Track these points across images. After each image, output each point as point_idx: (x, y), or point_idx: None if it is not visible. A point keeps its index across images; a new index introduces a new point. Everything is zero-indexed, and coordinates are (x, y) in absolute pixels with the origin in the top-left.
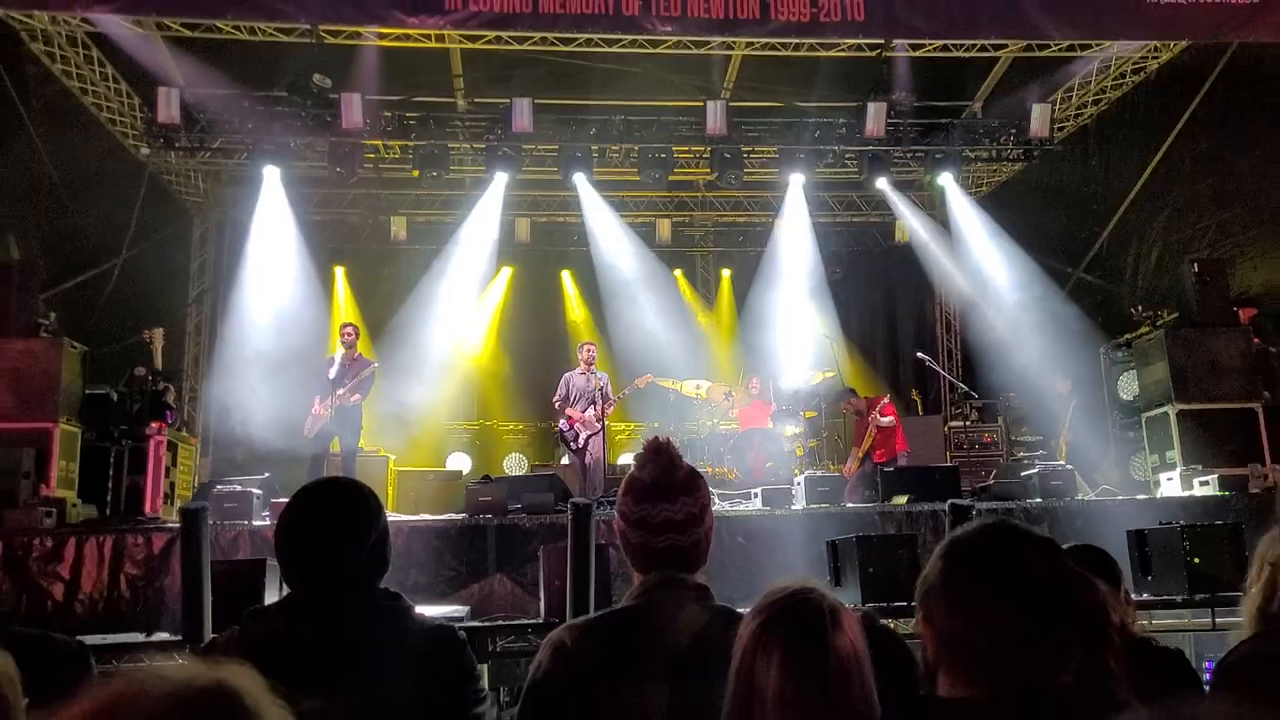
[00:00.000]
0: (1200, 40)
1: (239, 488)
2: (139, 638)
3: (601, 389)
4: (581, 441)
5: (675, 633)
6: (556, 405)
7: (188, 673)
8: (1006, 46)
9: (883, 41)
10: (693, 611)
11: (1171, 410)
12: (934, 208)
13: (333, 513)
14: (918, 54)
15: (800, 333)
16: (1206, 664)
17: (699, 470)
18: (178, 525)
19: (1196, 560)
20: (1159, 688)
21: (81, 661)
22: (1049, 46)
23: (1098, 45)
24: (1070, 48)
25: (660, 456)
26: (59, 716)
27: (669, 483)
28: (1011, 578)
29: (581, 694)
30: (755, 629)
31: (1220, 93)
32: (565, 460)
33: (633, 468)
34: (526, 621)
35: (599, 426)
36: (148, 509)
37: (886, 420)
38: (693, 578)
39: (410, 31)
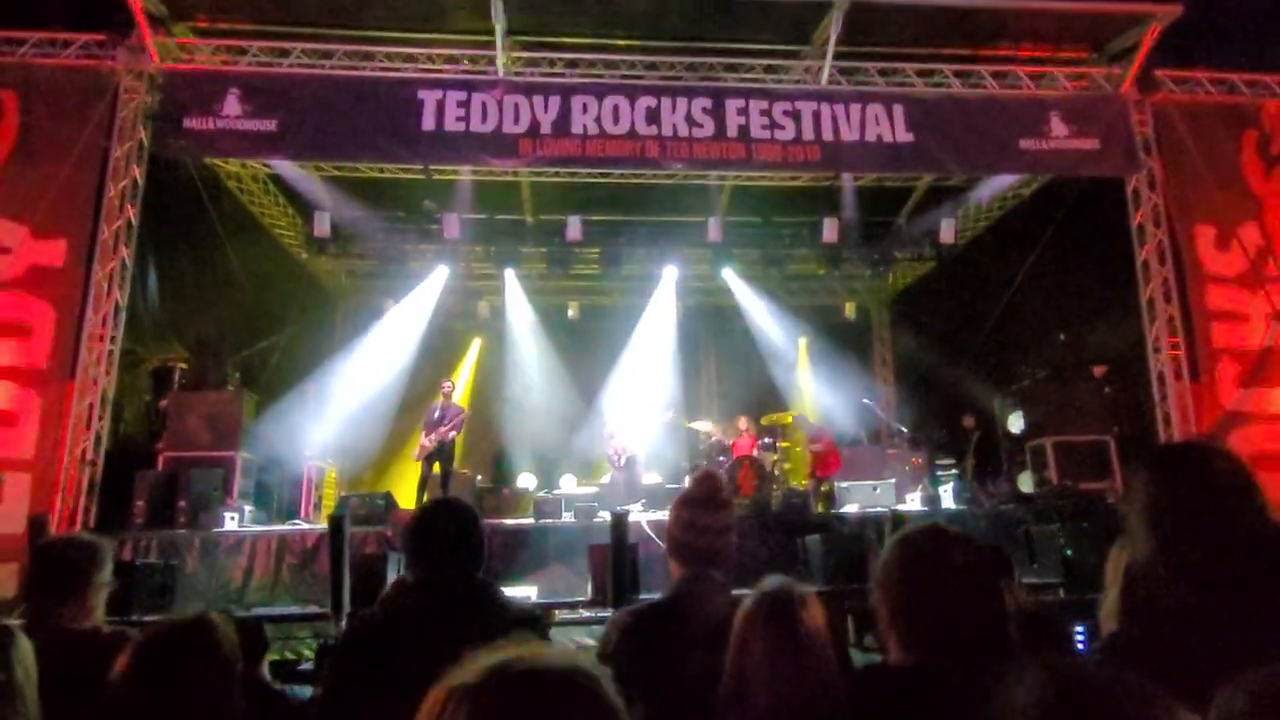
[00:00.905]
0: (1061, 174)
1: (368, 499)
2: (297, 610)
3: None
4: (622, 462)
5: (706, 616)
6: (606, 437)
7: (560, 656)
8: (922, 178)
9: (833, 175)
10: (718, 601)
11: (1047, 441)
12: (872, 293)
13: (447, 522)
14: (859, 183)
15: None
16: (1077, 628)
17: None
18: (325, 527)
19: (1070, 553)
20: (1040, 644)
21: (260, 634)
22: (952, 178)
23: (988, 177)
24: (968, 179)
25: (710, 481)
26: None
27: (714, 500)
28: (943, 565)
29: (639, 661)
30: (747, 608)
31: (1076, 211)
32: (606, 479)
33: (689, 486)
34: (578, 599)
35: (634, 451)
36: (302, 515)
37: (815, 447)
38: (718, 574)
39: (494, 169)
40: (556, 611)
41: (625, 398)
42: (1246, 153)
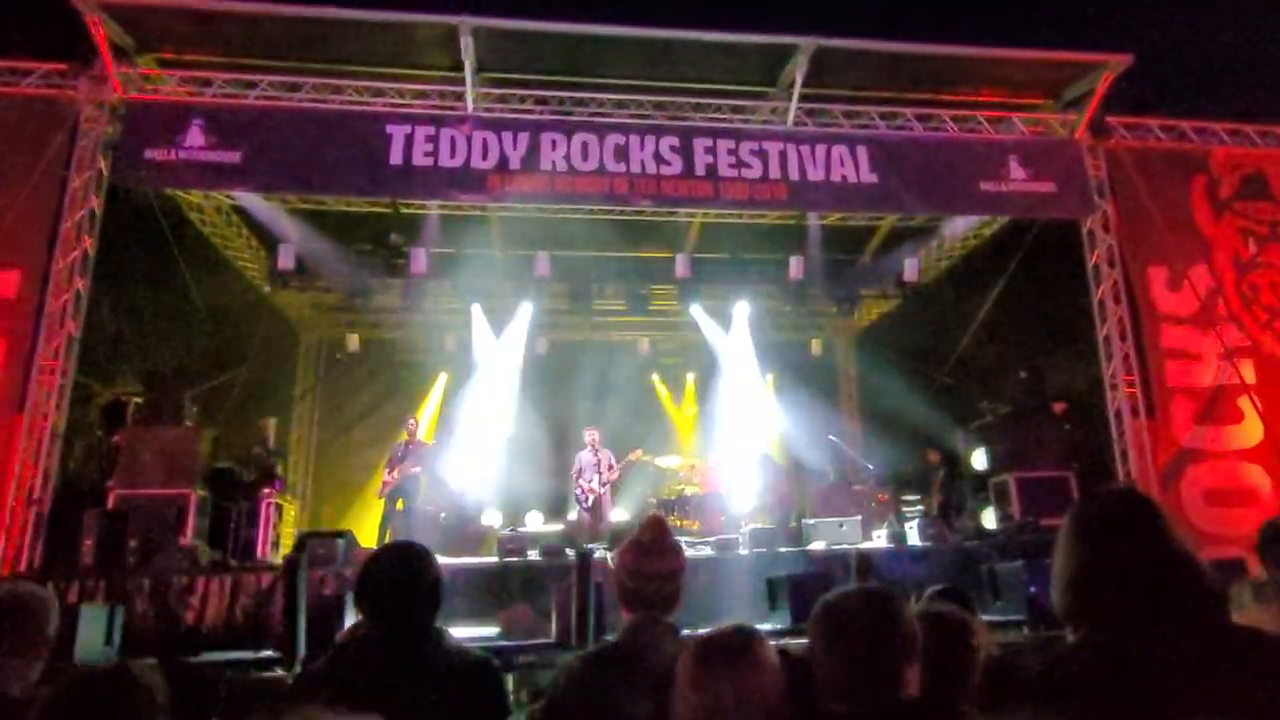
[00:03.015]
0: (1019, 216)
1: (327, 538)
2: (250, 655)
3: (608, 464)
4: (589, 502)
5: (655, 662)
6: (573, 475)
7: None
8: (885, 218)
9: (799, 213)
10: (667, 645)
11: (1010, 477)
12: (838, 330)
13: (397, 569)
14: (825, 221)
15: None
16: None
17: (677, 537)
18: (281, 567)
19: (1033, 589)
20: (1009, 698)
21: (214, 686)
22: (915, 218)
23: (949, 218)
24: (930, 219)
25: (657, 526)
26: None
27: (661, 546)
28: (850, 625)
29: (588, 707)
30: (687, 655)
31: (1034, 251)
32: (572, 516)
33: (635, 532)
34: (543, 641)
35: (600, 490)
36: (259, 554)
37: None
38: (666, 619)
39: (462, 204)
40: (520, 655)
41: (594, 435)
42: (1196, 197)
